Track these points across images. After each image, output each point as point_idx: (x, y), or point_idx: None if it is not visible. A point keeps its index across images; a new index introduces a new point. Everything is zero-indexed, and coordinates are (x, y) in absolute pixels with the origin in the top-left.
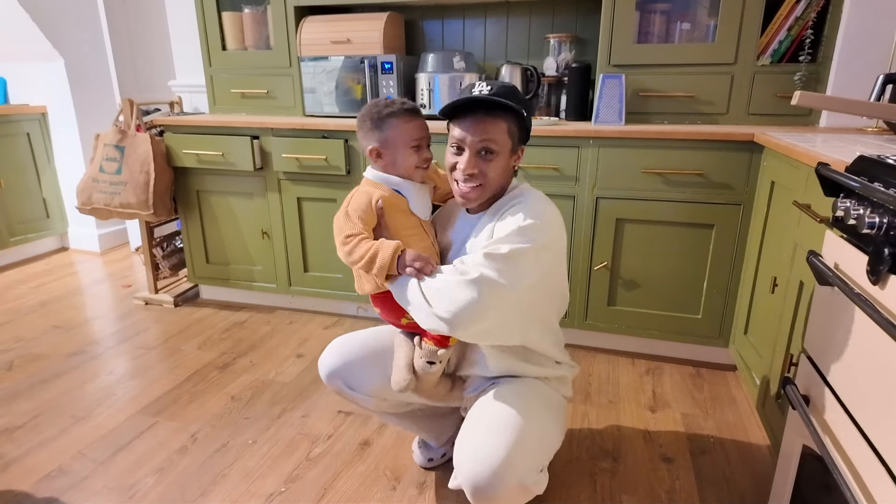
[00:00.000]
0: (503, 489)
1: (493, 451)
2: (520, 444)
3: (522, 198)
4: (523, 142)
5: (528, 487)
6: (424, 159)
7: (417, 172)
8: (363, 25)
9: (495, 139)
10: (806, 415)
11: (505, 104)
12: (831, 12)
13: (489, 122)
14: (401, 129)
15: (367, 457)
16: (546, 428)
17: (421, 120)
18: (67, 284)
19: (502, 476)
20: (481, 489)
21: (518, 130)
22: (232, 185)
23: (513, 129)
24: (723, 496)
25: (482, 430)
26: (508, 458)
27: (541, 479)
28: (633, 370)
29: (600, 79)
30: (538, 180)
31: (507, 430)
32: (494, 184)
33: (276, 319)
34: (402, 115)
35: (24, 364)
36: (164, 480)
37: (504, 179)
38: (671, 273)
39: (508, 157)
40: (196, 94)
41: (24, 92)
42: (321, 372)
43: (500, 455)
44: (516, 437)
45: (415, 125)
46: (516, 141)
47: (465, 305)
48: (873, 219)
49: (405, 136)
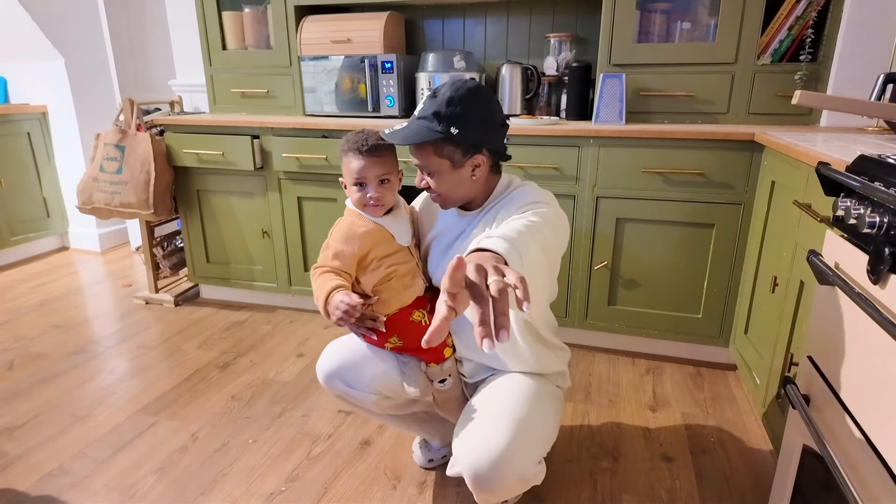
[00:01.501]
0: (503, 481)
1: (493, 444)
2: (520, 437)
3: (519, 190)
4: (478, 151)
5: (527, 479)
6: (367, 197)
7: (366, 209)
8: (363, 25)
9: (426, 164)
10: (806, 414)
11: (404, 141)
12: (832, 12)
13: (416, 152)
14: (346, 165)
15: (368, 456)
16: (545, 420)
17: (373, 158)
18: (68, 284)
19: (503, 468)
20: (482, 479)
21: (455, 145)
22: (232, 185)
23: (445, 149)
24: (723, 495)
25: (483, 421)
26: (509, 451)
27: (539, 470)
28: (634, 369)
29: (601, 78)
30: (538, 180)
31: (507, 422)
32: (455, 194)
33: (276, 319)
34: (350, 152)
35: (25, 363)
36: (165, 480)
37: (468, 187)
38: (671, 272)
39: (453, 172)
40: (196, 94)
41: (24, 91)
42: (320, 377)
43: (501, 448)
44: (516, 431)
45: (359, 163)
46: (459, 156)
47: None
48: (874, 218)
49: (347, 171)
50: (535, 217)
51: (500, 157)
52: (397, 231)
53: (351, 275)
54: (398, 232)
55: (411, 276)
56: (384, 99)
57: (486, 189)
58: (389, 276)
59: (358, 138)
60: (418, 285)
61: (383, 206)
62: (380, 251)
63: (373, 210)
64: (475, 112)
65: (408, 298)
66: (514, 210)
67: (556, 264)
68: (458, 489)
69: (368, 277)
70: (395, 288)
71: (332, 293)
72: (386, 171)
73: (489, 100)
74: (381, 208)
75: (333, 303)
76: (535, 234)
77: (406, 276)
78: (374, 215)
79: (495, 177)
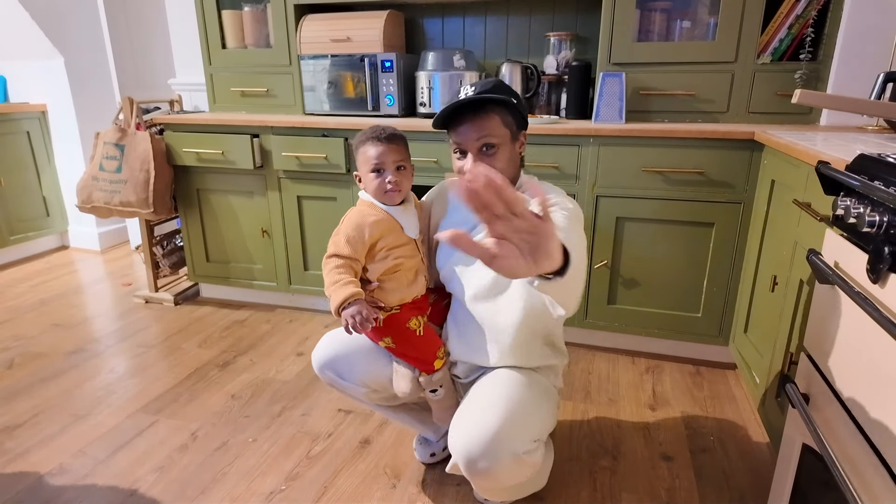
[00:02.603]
0: (496, 460)
1: (484, 425)
2: (511, 416)
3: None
4: (523, 128)
5: (521, 458)
6: (386, 182)
7: (383, 196)
8: (363, 24)
9: (492, 133)
10: (806, 413)
11: (490, 98)
12: (832, 10)
13: (481, 121)
14: (362, 155)
15: (368, 455)
16: (537, 403)
17: (390, 145)
18: (67, 283)
19: (494, 446)
20: (474, 461)
21: (513, 119)
22: (232, 184)
23: (507, 119)
24: (722, 494)
25: (474, 408)
26: (500, 429)
27: (535, 449)
28: (633, 368)
29: (600, 77)
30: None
31: (498, 405)
32: (504, 175)
33: (276, 318)
34: (367, 141)
35: (25, 362)
36: (165, 478)
37: (512, 168)
38: (671, 271)
39: (511, 146)
40: (196, 93)
41: (23, 90)
42: (314, 364)
43: (492, 427)
44: (507, 410)
45: (377, 149)
46: (515, 129)
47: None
48: (873, 217)
49: (365, 160)
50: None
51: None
52: (406, 222)
53: (361, 261)
54: (407, 223)
55: (415, 272)
56: (384, 98)
57: (514, 176)
58: (396, 268)
59: (375, 129)
60: (420, 283)
61: (401, 191)
62: (389, 241)
63: (391, 196)
64: (515, 95)
65: (409, 295)
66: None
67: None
68: (457, 488)
69: (376, 266)
70: (400, 280)
71: (348, 300)
72: (402, 157)
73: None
74: (398, 194)
75: (349, 311)
76: (579, 236)
77: (410, 270)
78: (391, 202)
79: (518, 167)
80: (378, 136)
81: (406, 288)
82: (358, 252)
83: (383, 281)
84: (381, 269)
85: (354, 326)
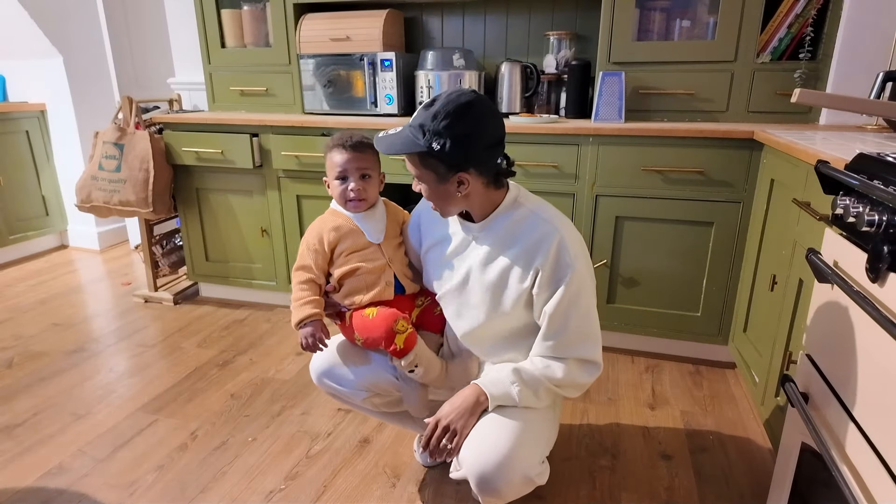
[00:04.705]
0: (508, 481)
1: (497, 445)
2: (523, 438)
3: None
4: (463, 169)
5: (531, 479)
6: (349, 189)
7: (346, 203)
8: (362, 23)
9: (414, 172)
10: (805, 412)
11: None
12: (831, 10)
13: (406, 158)
14: (329, 160)
15: (367, 454)
16: (546, 419)
17: (355, 153)
18: (67, 282)
19: (507, 469)
20: (487, 481)
21: (438, 160)
22: (231, 183)
23: (429, 161)
24: (722, 493)
25: (485, 424)
26: (512, 452)
27: (543, 470)
28: (633, 368)
29: (600, 76)
30: (538, 178)
31: (510, 423)
32: (445, 205)
33: (275, 317)
34: (334, 147)
35: (24, 362)
36: (164, 478)
37: (461, 201)
38: (671, 271)
39: (439, 183)
40: (195, 92)
41: (23, 89)
42: (312, 375)
43: (505, 449)
44: (519, 432)
45: (342, 156)
46: (444, 169)
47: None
48: (873, 216)
49: (331, 165)
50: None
51: (495, 176)
52: (369, 227)
53: (323, 271)
54: (370, 228)
55: (376, 276)
56: (383, 97)
57: (488, 203)
58: (354, 271)
59: (343, 135)
60: (384, 287)
61: (364, 199)
62: (347, 245)
63: (354, 205)
64: (462, 130)
65: (370, 297)
66: (548, 271)
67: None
68: (457, 487)
69: (337, 270)
70: (359, 283)
71: (303, 321)
72: (367, 165)
73: (483, 117)
74: (362, 203)
75: (304, 331)
76: (557, 388)
77: (372, 273)
78: (355, 211)
79: (498, 191)
80: (344, 144)
81: (366, 291)
82: (318, 260)
83: (343, 283)
84: (341, 273)
85: (307, 346)
